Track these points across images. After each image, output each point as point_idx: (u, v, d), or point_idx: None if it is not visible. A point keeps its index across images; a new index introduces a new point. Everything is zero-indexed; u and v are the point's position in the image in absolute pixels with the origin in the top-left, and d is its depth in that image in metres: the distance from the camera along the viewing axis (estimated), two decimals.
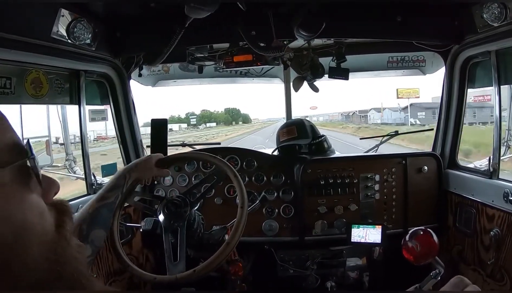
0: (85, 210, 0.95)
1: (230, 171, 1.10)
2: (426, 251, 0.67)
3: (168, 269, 1.02)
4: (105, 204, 0.98)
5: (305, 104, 8.97)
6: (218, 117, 41.77)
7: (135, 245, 1.82)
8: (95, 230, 0.92)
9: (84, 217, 0.93)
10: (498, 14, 1.29)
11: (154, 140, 1.24)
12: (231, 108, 44.88)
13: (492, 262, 1.47)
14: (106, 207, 0.98)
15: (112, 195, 1.00)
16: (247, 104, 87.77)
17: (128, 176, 1.05)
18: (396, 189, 1.78)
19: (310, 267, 1.81)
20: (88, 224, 0.92)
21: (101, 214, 0.96)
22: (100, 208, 0.97)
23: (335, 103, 52.07)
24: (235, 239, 1.01)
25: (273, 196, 1.82)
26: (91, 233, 0.91)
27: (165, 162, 1.15)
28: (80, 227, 0.90)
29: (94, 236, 0.91)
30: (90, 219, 0.93)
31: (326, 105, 54.96)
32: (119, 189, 1.03)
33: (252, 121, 46.22)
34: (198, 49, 1.83)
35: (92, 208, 0.95)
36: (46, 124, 1.85)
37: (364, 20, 1.55)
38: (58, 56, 1.34)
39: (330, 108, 65.20)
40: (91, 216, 0.94)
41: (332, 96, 58.27)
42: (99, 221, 0.95)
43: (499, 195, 1.43)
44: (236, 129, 33.16)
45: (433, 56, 2.00)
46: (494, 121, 1.55)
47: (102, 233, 0.95)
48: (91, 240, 0.90)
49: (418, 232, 0.70)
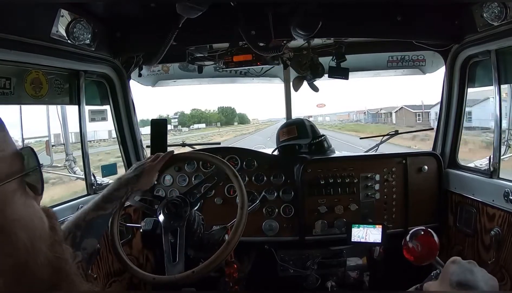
0: (81, 217, 0.94)
1: (231, 172, 1.10)
2: (427, 251, 0.67)
3: (167, 269, 1.02)
4: (101, 215, 0.98)
5: (312, 102, 8.00)
6: (210, 117, 37.69)
7: (135, 245, 1.82)
8: (88, 239, 0.92)
9: (79, 224, 0.93)
10: (498, 14, 1.29)
11: (154, 140, 1.24)
12: (225, 107, 40.14)
13: (492, 261, 1.46)
14: (102, 218, 0.98)
15: (110, 207, 1.00)
16: (246, 104, 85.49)
17: (130, 189, 1.05)
18: (396, 189, 1.78)
19: (311, 267, 1.81)
20: (83, 232, 0.92)
21: (97, 224, 0.96)
22: (97, 218, 0.96)
23: (339, 100, 48.61)
24: (234, 240, 1.01)
25: (273, 195, 1.82)
26: (84, 241, 0.91)
27: (178, 159, 1.16)
28: (74, 234, 0.90)
29: (86, 244, 0.92)
30: (85, 228, 0.93)
31: (335, 103, 50.28)
32: (117, 201, 1.03)
33: (251, 121, 42.34)
34: (198, 49, 1.83)
35: (89, 217, 0.95)
36: (45, 124, 1.85)
37: (364, 20, 1.55)
38: (57, 57, 1.34)
39: (337, 106, 56.21)
40: (87, 225, 0.93)
41: (339, 93, 50.05)
42: (94, 231, 0.95)
43: (499, 195, 1.43)
44: (228, 132, 29.54)
45: (433, 55, 2.00)
46: (494, 120, 1.54)
47: (94, 241, 0.95)
48: (83, 247, 0.91)
49: (418, 232, 0.70)
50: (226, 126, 36.42)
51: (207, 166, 1.87)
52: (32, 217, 0.42)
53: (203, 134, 26.20)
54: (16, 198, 0.40)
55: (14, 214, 0.39)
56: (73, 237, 0.89)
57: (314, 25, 1.39)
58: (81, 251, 0.90)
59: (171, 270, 1.01)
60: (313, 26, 1.40)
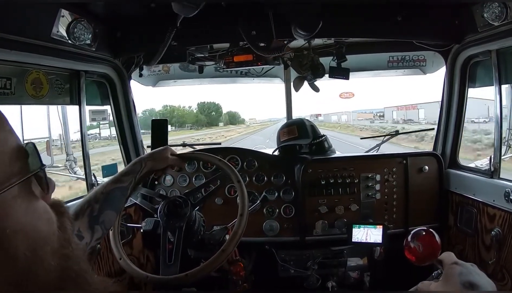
0: (98, 191, 0.96)
1: (235, 178, 1.11)
2: (428, 252, 0.67)
3: (161, 269, 1.02)
4: (119, 187, 0.99)
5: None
6: (185, 117, 29.38)
7: (136, 245, 1.82)
8: (107, 211, 0.93)
9: (97, 197, 0.93)
10: (499, 14, 1.29)
11: (154, 140, 1.24)
12: (207, 103, 30.31)
13: (493, 261, 1.46)
14: (120, 190, 0.99)
15: (127, 179, 1.02)
16: (239, 102, 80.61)
17: (144, 164, 1.07)
18: (397, 189, 1.78)
19: (311, 267, 1.81)
20: (101, 204, 0.92)
21: (114, 195, 0.97)
22: (115, 190, 0.98)
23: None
24: (231, 247, 1.01)
25: (273, 196, 1.82)
26: (102, 213, 0.91)
27: (181, 158, 1.16)
28: (92, 207, 0.90)
29: (105, 217, 0.92)
30: (103, 199, 0.94)
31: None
32: (134, 174, 1.04)
33: (248, 121, 35.38)
34: (199, 49, 1.83)
35: (106, 189, 0.96)
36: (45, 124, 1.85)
37: (365, 20, 1.55)
38: (58, 57, 1.34)
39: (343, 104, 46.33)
40: (105, 197, 0.94)
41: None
42: (112, 202, 0.96)
43: (500, 195, 1.43)
44: (202, 137, 20.01)
45: (434, 55, 2.00)
46: (495, 120, 1.54)
47: (113, 215, 0.96)
48: (101, 221, 0.91)
49: (420, 232, 0.70)
50: (207, 128, 28.86)
51: (207, 166, 1.87)
52: (36, 222, 0.39)
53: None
54: (17, 206, 0.37)
55: (15, 225, 0.37)
56: (91, 211, 0.90)
57: (314, 25, 1.39)
58: (100, 225, 0.90)
59: (165, 271, 1.01)
60: (313, 26, 1.40)
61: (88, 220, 0.88)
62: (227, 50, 1.80)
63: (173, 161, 1.13)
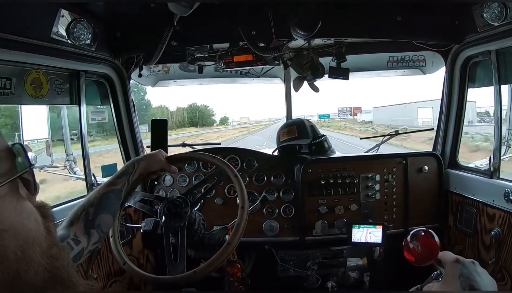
0: (93, 195, 0.95)
1: (232, 172, 1.11)
2: (427, 252, 0.67)
3: (168, 269, 1.02)
4: (113, 190, 0.99)
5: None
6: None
7: (135, 246, 1.82)
8: (102, 214, 0.92)
9: (91, 201, 0.93)
10: (498, 14, 1.29)
11: (154, 140, 1.24)
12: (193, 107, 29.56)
13: (492, 261, 1.46)
14: (113, 193, 0.99)
15: (120, 181, 1.01)
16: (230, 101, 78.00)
17: (137, 164, 1.06)
18: (396, 189, 1.78)
19: (311, 267, 1.81)
20: (96, 208, 0.92)
21: (109, 198, 0.97)
22: (108, 193, 0.97)
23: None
24: (236, 239, 1.01)
25: (273, 196, 1.82)
26: (97, 217, 0.91)
27: (173, 160, 1.15)
28: (86, 211, 0.90)
29: (101, 221, 0.91)
30: (98, 203, 0.93)
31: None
32: (127, 175, 1.04)
33: (239, 121, 35.16)
34: (198, 49, 1.83)
35: (100, 192, 0.96)
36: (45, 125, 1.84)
37: (364, 20, 1.55)
38: (58, 57, 1.34)
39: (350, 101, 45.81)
40: (99, 200, 0.94)
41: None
42: (106, 206, 0.95)
43: (499, 195, 1.43)
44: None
45: (433, 55, 2.00)
46: (495, 120, 1.55)
47: (109, 218, 0.95)
48: (97, 224, 0.90)
49: (419, 232, 0.70)
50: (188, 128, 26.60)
51: (207, 166, 1.87)
52: (24, 221, 0.39)
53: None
54: (5, 205, 0.38)
55: (4, 224, 0.37)
56: (86, 214, 0.89)
57: (314, 25, 1.39)
58: (96, 229, 0.89)
59: (173, 270, 1.01)
60: (313, 26, 1.40)
61: (84, 225, 0.87)
62: (227, 50, 1.80)
63: (166, 166, 1.12)
